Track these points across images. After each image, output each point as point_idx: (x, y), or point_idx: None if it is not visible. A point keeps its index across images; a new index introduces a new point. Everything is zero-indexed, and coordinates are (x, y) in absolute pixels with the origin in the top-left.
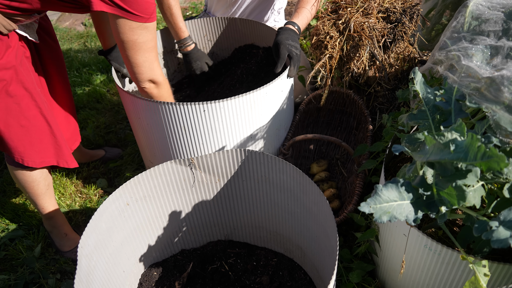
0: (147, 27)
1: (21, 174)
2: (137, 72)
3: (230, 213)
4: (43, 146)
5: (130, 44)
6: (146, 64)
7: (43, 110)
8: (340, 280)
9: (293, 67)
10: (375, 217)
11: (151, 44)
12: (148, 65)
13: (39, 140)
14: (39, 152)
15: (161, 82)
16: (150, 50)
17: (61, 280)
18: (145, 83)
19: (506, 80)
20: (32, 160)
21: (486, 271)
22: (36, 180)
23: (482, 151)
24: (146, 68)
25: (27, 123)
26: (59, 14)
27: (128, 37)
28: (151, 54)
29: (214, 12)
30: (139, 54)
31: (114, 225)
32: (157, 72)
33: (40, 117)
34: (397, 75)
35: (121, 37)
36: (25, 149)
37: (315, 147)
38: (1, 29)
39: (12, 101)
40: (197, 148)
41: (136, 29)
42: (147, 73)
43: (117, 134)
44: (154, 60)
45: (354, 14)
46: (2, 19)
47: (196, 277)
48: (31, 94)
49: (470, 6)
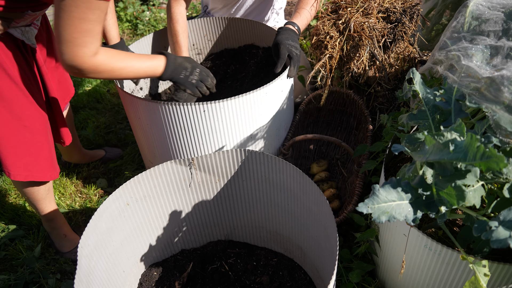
0: (99, 4)
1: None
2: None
3: (230, 213)
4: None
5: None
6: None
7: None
8: (340, 280)
9: (293, 67)
10: (374, 217)
11: (91, 25)
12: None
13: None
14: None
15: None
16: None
17: (61, 280)
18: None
19: (506, 80)
20: (18, 174)
21: (486, 271)
22: (36, 187)
23: (482, 151)
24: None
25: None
26: None
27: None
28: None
29: (214, 12)
30: (69, 28)
31: (114, 225)
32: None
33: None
34: (397, 75)
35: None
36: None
37: (315, 147)
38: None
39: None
40: (197, 148)
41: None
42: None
43: (117, 134)
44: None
45: (354, 14)
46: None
47: (196, 277)
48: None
49: (470, 6)
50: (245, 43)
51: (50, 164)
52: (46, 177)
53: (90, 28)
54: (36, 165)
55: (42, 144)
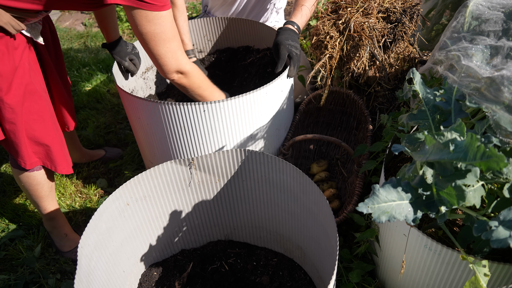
0: (163, 16)
1: (26, 177)
2: (162, 64)
3: (230, 213)
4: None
5: (150, 36)
6: (169, 55)
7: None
8: (340, 280)
9: (293, 67)
10: (374, 217)
11: (170, 34)
12: (171, 55)
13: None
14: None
15: (189, 70)
16: (170, 39)
17: (61, 280)
18: (173, 74)
19: (506, 80)
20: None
21: (486, 271)
22: (40, 183)
23: (482, 151)
24: (170, 59)
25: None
26: (59, 14)
27: (146, 29)
28: (173, 43)
29: (214, 12)
30: (159, 45)
31: (114, 225)
32: (182, 61)
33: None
34: (397, 75)
35: (139, 29)
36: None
37: (315, 147)
38: (10, 29)
39: (33, 101)
40: (197, 148)
41: (153, 19)
42: (172, 64)
43: (117, 134)
44: (177, 49)
45: (354, 14)
46: (10, 19)
47: (196, 277)
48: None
49: (470, 6)
50: (245, 43)
51: (64, 156)
52: (60, 169)
53: (173, 34)
54: (51, 155)
55: (53, 137)
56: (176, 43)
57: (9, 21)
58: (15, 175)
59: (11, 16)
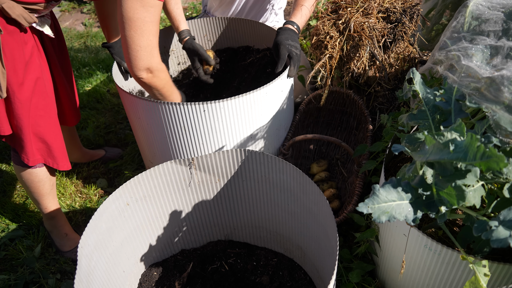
0: (156, 5)
1: (28, 174)
2: (136, 57)
3: (230, 213)
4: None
5: (138, 23)
6: (148, 49)
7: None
8: (340, 280)
9: (293, 67)
10: (374, 217)
11: (156, 27)
12: (149, 50)
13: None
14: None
15: (159, 70)
16: (154, 33)
17: (61, 280)
18: (142, 71)
19: (506, 80)
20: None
21: (486, 271)
22: (42, 180)
23: (482, 151)
24: (146, 54)
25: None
26: (59, 14)
27: (137, 14)
28: (154, 39)
29: (214, 12)
30: (143, 35)
31: (114, 225)
32: (157, 59)
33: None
34: (397, 75)
35: (129, 14)
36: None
37: (315, 147)
38: (23, 22)
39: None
40: (197, 148)
41: (147, 4)
42: (147, 59)
43: (117, 134)
44: (155, 46)
45: (354, 14)
46: (23, 11)
47: (196, 277)
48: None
49: (470, 6)
50: (245, 43)
51: (64, 152)
52: (61, 165)
53: (157, 29)
54: (53, 152)
55: (56, 134)
56: (156, 40)
57: (21, 13)
58: (17, 172)
59: (23, 8)
